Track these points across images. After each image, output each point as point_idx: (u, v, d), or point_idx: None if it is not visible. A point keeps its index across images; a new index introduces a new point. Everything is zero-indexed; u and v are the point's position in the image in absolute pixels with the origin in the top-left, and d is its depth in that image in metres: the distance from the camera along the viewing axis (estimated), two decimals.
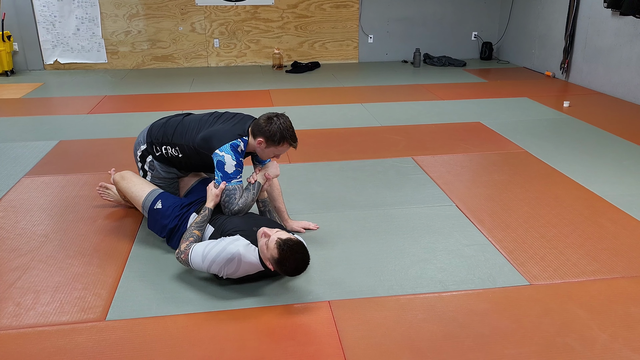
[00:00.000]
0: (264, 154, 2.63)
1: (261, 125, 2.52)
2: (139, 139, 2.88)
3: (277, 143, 2.52)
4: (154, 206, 2.65)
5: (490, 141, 4.35)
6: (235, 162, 2.54)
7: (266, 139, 2.52)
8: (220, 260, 2.23)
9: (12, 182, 3.50)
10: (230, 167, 2.53)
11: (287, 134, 2.52)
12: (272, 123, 2.50)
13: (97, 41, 7.39)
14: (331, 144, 4.29)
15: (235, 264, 2.23)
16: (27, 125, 4.76)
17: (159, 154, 2.78)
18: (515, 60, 7.76)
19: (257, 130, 2.54)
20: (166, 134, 2.74)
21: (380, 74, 7.14)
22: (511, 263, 2.57)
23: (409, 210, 3.12)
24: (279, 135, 2.50)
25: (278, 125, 2.49)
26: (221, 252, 2.24)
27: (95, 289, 2.35)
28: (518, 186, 3.46)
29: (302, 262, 2.19)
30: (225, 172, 2.54)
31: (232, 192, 2.55)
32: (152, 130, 2.81)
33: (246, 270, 2.28)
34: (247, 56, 7.78)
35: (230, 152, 2.53)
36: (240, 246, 2.24)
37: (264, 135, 2.51)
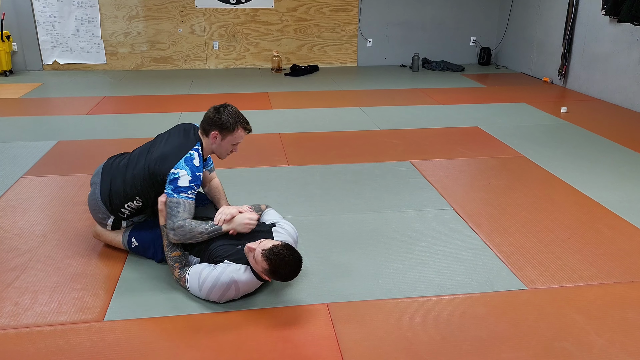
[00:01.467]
0: (222, 149, 2.53)
1: (211, 118, 2.48)
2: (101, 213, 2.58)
3: (231, 130, 2.48)
4: (132, 245, 2.59)
5: (488, 146, 4.37)
6: (191, 177, 2.38)
7: (220, 129, 2.47)
8: (218, 290, 2.21)
9: (11, 181, 3.50)
10: (184, 181, 2.36)
11: (239, 119, 2.50)
12: (221, 112, 2.47)
13: (97, 42, 7.39)
14: (329, 147, 4.30)
15: (234, 290, 2.21)
16: (25, 125, 4.76)
17: (127, 214, 2.57)
18: (513, 65, 7.79)
19: (208, 124, 2.49)
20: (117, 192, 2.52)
21: (379, 78, 7.16)
22: (509, 267, 2.58)
23: (407, 214, 3.13)
24: (231, 121, 2.46)
25: (227, 113, 2.47)
26: (215, 283, 2.20)
27: (94, 290, 2.35)
28: (516, 191, 3.47)
29: (294, 264, 2.16)
30: (177, 185, 2.36)
31: (174, 205, 2.34)
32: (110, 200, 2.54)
33: (246, 290, 2.26)
34: (246, 59, 7.79)
35: (185, 167, 2.38)
36: (233, 272, 2.20)
37: (217, 126, 2.46)
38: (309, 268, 2.53)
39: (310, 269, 2.52)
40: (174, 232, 2.35)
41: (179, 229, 2.34)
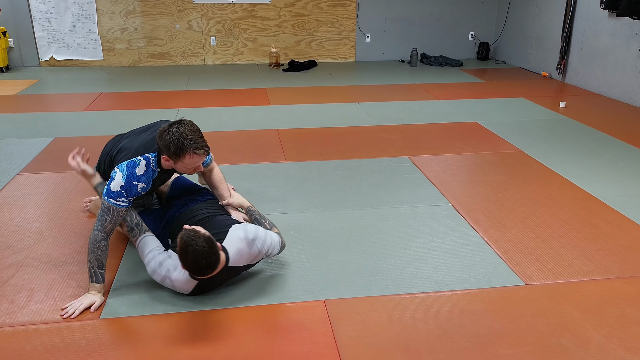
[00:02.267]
0: (179, 170, 2.28)
1: (159, 142, 2.18)
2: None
3: (179, 156, 2.15)
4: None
5: (486, 141, 4.36)
6: (124, 183, 2.18)
7: (169, 156, 2.17)
8: (157, 277, 2.22)
9: (7, 178, 3.48)
10: (115, 185, 2.18)
11: (186, 144, 2.12)
12: (164, 135, 2.14)
13: (94, 38, 7.36)
14: (327, 142, 4.28)
15: (170, 284, 2.20)
16: (22, 122, 4.74)
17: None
18: (512, 60, 7.77)
19: (160, 147, 2.21)
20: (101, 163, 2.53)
21: (377, 73, 7.13)
22: (506, 263, 2.57)
23: (405, 210, 3.12)
24: (173, 150, 2.13)
25: (170, 137, 2.12)
26: (154, 270, 2.22)
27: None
28: (514, 186, 3.46)
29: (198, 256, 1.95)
30: (108, 187, 2.20)
31: (103, 210, 2.20)
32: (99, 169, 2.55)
33: (183, 288, 2.18)
34: (244, 54, 7.76)
35: (123, 170, 2.21)
36: (170, 266, 2.18)
37: (166, 152, 2.17)
38: (306, 264, 2.52)
39: (307, 265, 2.51)
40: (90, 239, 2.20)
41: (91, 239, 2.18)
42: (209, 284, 2.21)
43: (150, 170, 2.28)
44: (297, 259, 2.58)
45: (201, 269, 2.01)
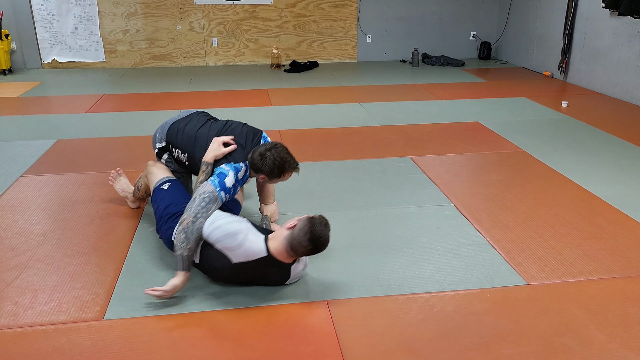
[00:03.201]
0: (272, 184, 2.73)
1: (256, 164, 2.46)
2: (156, 135, 2.86)
3: (278, 176, 2.50)
4: (161, 186, 2.65)
5: (488, 141, 4.36)
6: (234, 181, 2.46)
7: (268, 176, 2.49)
8: (226, 230, 2.22)
9: (10, 181, 3.50)
10: (229, 181, 2.44)
11: (287, 167, 2.47)
12: (266, 160, 2.43)
13: (95, 40, 7.38)
14: (329, 143, 4.29)
15: (239, 240, 2.20)
16: (25, 124, 4.75)
17: (174, 155, 2.80)
18: (514, 60, 7.77)
19: (255, 168, 2.49)
20: (180, 140, 2.73)
21: (379, 73, 7.14)
22: (509, 263, 2.57)
23: (407, 210, 3.12)
24: (277, 172, 2.46)
25: (272, 161, 2.42)
26: (230, 222, 2.26)
27: (94, 288, 2.35)
28: (516, 186, 3.46)
29: (323, 235, 2.19)
30: (223, 182, 2.42)
31: (210, 198, 2.34)
32: (170, 131, 2.78)
33: (246, 252, 2.20)
34: (246, 55, 7.78)
35: (233, 171, 2.47)
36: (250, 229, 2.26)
37: (263, 172, 2.47)
38: (310, 265, 2.53)
39: (310, 266, 2.52)
40: (192, 227, 2.26)
41: (194, 225, 2.26)
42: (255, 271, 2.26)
43: (246, 176, 2.59)
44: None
45: (318, 247, 2.19)
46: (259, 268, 2.25)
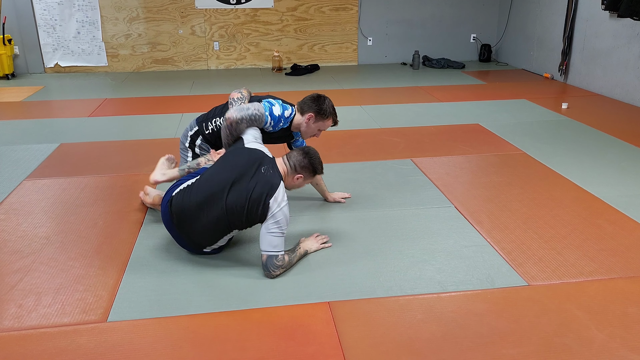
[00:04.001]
0: (309, 130, 2.96)
1: (310, 103, 2.89)
2: (187, 128, 3.15)
3: (325, 117, 2.90)
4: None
5: (488, 143, 4.38)
6: (280, 112, 2.85)
7: (316, 114, 2.88)
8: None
9: (14, 184, 3.52)
10: (277, 110, 2.84)
11: (334, 112, 2.96)
12: (321, 101, 2.90)
13: (98, 44, 7.42)
14: (330, 146, 4.31)
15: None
16: (28, 129, 4.78)
17: (208, 131, 3.04)
18: (514, 62, 7.79)
19: (307, 107, 2.89)
20: (213, 111, 3.08)
21: (380, 76, 7.16)
22: (509, 264, 2.58)
23: (408, 212, 3.14)
24: (329, 111, 2.91)
25: (327, 103, 2.91)
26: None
27: (97, 291, 2.36)
28: (516, 187, 3.48)
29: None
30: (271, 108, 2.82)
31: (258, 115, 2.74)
32: (199, 117, 3.12)
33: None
34: (247, 59, 7.81)
35: (281, 106, 2.88)
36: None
37: (314, 110, 2.88)
38: (311, 266, 2.55)
39: (312, 267, 2.54)
40: (230, 122, 2.68)
41: (238, 115, 2.69)
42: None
43: (289, 119, 2.92)
44: (302, 261, 2.60)
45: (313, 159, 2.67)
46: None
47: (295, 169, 2.59)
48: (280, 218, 2.39)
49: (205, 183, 2.49)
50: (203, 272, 2.50)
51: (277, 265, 2.42)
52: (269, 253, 2.40)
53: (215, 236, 2.51)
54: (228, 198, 2.40)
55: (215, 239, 2.52)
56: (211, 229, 2.47)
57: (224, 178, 2.45)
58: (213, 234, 2.49)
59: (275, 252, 2.41)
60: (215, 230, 2.47)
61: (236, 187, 2.42)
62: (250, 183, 2.42)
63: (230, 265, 2.57)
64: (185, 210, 2.47)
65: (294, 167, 2.59)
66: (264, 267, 2.42)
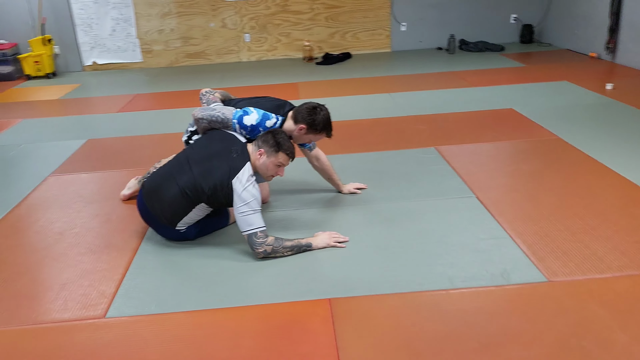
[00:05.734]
0: (300, 139, 2.79)
1: (304, 114, 2.69)
2: (189, 123, 3.06)
3: (317, 131, 2.72)
4: None
5: (521, 128, 4.14)
6: (255, 123, 2.66)
7: (308, 127, 2.69)
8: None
9: (38, 180, 3.60)
10: (249, 120, 2.66)
11: (328, 126, 2.75)
12: (317, 113, 2.69)
13: (132, 41, 7.54)
14: (353, 135, 4.19)
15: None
16: (59, 125, 4.89)
17: None
18: (558, 42, 7.37)
19: (301, 117, 2.70)
20: None
21: (412, 62, 6.94)
22: (529, 258, 2.41)
23: (426, 203, 2.99)
24: (321, 125, 2.70)
25: (322, 116, 2.70)
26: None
27: (101, 286, 2.36)
28: (546, 176, 3.26)
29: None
30: (242, 117, 2.66)
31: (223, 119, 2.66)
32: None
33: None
34: (278, 50, 7.75)
35: (260, 114, 2.69)
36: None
37: (307, 123, 2.69)
38: (316, 261, 2.46)
39: (316, 262, 2.45)
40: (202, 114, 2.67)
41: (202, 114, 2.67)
42: None
43: (274, 127, 2.73)
44: (306, 255, 2.51)
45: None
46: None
47: (258, 146, 2.54)
48: (246, 197, 2.39)
49: (175, 160, 2.64)
50: (205, 268, 2.46)
51: (258, 243, 2.41)
52: (248, 232, 2.41)
53: (183, 208, 2.52)
54: (193, 170, 2.51)
55: (184, 210, 2.53)
56: (178, 202, 2.51)
57: (192, 158, 2.57)
58: (180, 206, 2.52)
59: (253, 229, 2.40)
60: (182, 201, 2.51)
61: (205, 164, 2.50)
62: (218, 163, 2.49)
63: (232, 261, 2.51)
64: (154, 185, 2.59)
65: (257, 145, 2.55)
66: (250, 247, 2.45)
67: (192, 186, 2.48)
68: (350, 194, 3.16)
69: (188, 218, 2.56)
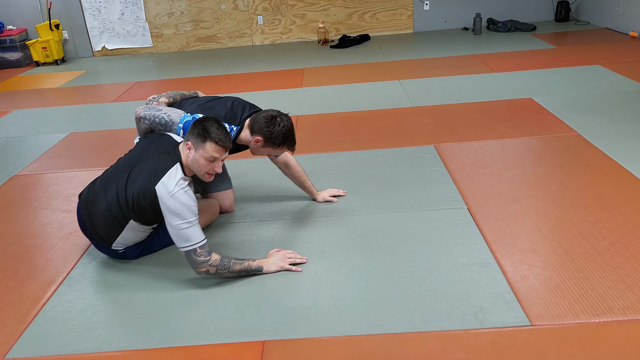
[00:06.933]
0: (258, 152, 2.46)
1: (261, 124, 2.36)
2: None
3: (275, 145, 2.38)
4: None
5: (536, 122, 3.65)
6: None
7: (265, 140, 2.37)
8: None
9: (1, 180, 3.39)
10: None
11: (289, 139, 2.40)
12: (275, 125, 2.35)
13: (142, 25, 7.30)
14: (346, 130, 3.80)
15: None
16: (47, 117, 4.69)
17: None
18: (596, 20, 6.68)
19: (258, 128, 2.37)
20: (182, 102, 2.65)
21: (434, 44, 6.42)
22: (514, 292, 2.00)
23: (407, 215, 2.60)
24: (280, 140, 2.37)
25: (281, 129, 2.35)
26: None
27: (4, 319, 2.09)
28: (554, 182, 2.80)
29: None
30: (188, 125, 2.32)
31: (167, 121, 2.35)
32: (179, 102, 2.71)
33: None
34: (293, 32, 7.35)
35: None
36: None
37: (264, 135, 2.36)
38: (263, 288, 2.12)
39: (262, 290, 2.11)
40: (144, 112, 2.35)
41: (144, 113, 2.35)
42: None
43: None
44: (252, 281, 2.18)
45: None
46: None
47: (185, 139, 2.16)
48: (175, 207, 2.02)
49: (109, 171, 2.31)
50: (136, 299, 2.14)
51: (199, 261, 2.06)
52: (185, 249, 2.06)
53: (114, 226, 2.21)
54: (119, 179, 2.19)
55: (116, 229, 2.22)
56: (107, 220, 2.20)
57: (121, 165, 2.26)
58: (110, 224, 2.21)
59: (190, 245, 2.04)
60: (110, 219, 2.20)
61: (129, 170, 2.20)
62: (141, 167, 2.16)
63: (169, 291, 2.17)
64: (88, 196, 2.28)
65: (185, 139, 2.17)
66: (190, 266, 2.11)
67: (116, 199, 2.17)
68: (325, 202, 2.80)
69: (123, 239, 2.24)
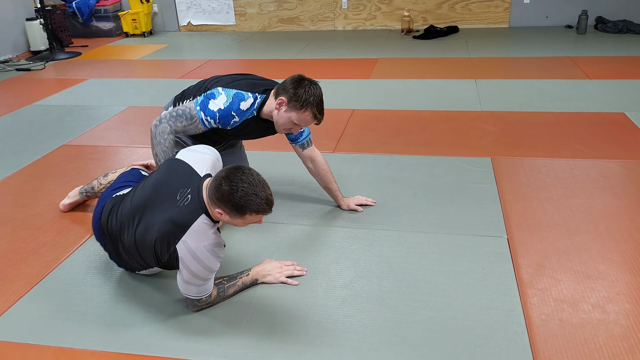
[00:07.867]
0: (281, 119, 2.18)
1: (287, 84, 2.15)
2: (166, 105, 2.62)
3: (299, 107, 2.12)
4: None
5: (621, 143, 3.12)
6: (224, 107, 2.16)
7: (289, 99, 2.13)
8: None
9: (50, 149, 3.47)
10: (215, 105, 2.16)
11: (314, 101, 2.12)
12: (301, 85, 2.12)
13: (227, 2, 7.31)
14: (399, 130, 3.49)
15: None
16: (117, 88, 4.79)
17: None
18: None
19: (282, 88, 2.16)
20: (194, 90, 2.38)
21: (527, 42, 5.82)
22: (533, 353, 1.65)
23: (435, 238, 2.28)
24: (303, 100, 2.10)
25: (308, 89, 2.11)
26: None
27: None
28: (626, 219, 2.35)
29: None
30: (206, 103, 2.17)
31: (184, 113, 2.18)
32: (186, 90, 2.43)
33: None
34: (377, 19, 7.02)
35: (230, 96, 2.18)
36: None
37: (288, 95, 2.12)
38: (234, 311, 1.94)
39: (232, 315, 1.92)
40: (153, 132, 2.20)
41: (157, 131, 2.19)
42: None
43: (252, 109, 2.22)
44: (243, 294, 2.00)
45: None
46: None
47: (213, 200, 1.71)
48: (197, 271, 1.73)
49: (129, 201, 1.93)
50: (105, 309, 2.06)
51: (197, 305, 1.87)
52: (189, 297, 1.84)
53: (136, 265, 1.98)
54: (137, 230, 1.83)
55: (142, 267, 1.98)
56: (126, 259, 1.97)
57: (137, 201, 1.88)
58: (133, 263, 1.97)
59: (197, 296, 1.83)
60: (131, 262, 1.97)
61: (142, 213, 1.84)
62: (159, 215, 1.78)
63: (142, 306, 2.08)
64: (113, 228, 1.95)
65: (212, 199, 1.71)
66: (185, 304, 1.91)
67: (132, 248, 1.88)
68: (349, 211, 2.54)
69: (150, 271, 2.02)
